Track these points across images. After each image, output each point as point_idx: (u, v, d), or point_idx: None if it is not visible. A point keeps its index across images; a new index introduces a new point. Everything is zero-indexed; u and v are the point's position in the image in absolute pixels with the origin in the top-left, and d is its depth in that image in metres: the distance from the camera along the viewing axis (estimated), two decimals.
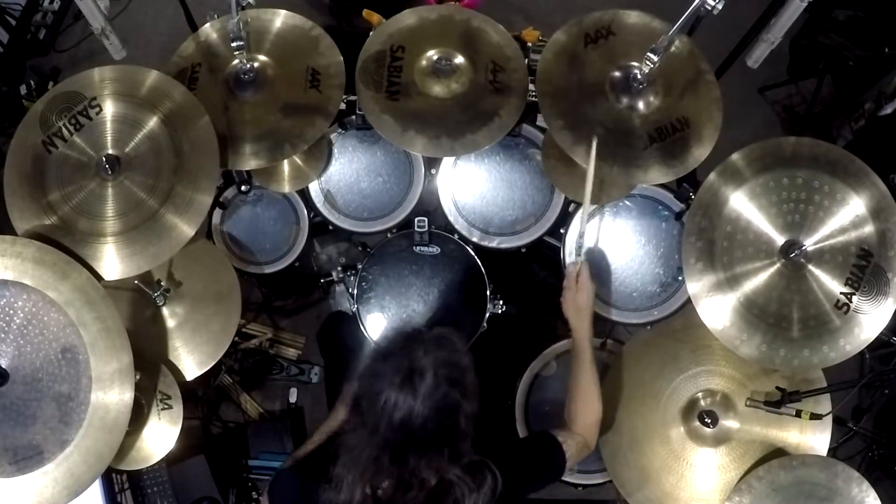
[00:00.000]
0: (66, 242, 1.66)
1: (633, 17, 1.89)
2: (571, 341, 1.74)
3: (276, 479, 1.54)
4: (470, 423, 1.33)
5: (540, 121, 2.15)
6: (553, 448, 1.57)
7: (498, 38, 1.98)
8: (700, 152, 1.79)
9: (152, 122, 1.74)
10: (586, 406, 1.68)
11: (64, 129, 1.73)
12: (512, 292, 1.92)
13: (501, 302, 2.10)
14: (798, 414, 1.73)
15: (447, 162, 2.15)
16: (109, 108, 1.74)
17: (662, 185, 2.07)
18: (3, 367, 1.56)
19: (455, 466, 1.32)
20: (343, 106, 2.03)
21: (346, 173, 2.21)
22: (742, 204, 1.68)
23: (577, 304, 1.74)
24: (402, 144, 1.91)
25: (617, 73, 1.83)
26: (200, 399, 2.58)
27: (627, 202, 2.12)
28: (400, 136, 1.88)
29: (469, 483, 1.33)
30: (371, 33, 2.01)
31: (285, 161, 2.11)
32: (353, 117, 2.14)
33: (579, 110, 1.80)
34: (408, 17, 2.00)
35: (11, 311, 1.58)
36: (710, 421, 1.79)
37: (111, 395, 1.58)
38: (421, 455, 1.30)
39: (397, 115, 1.89)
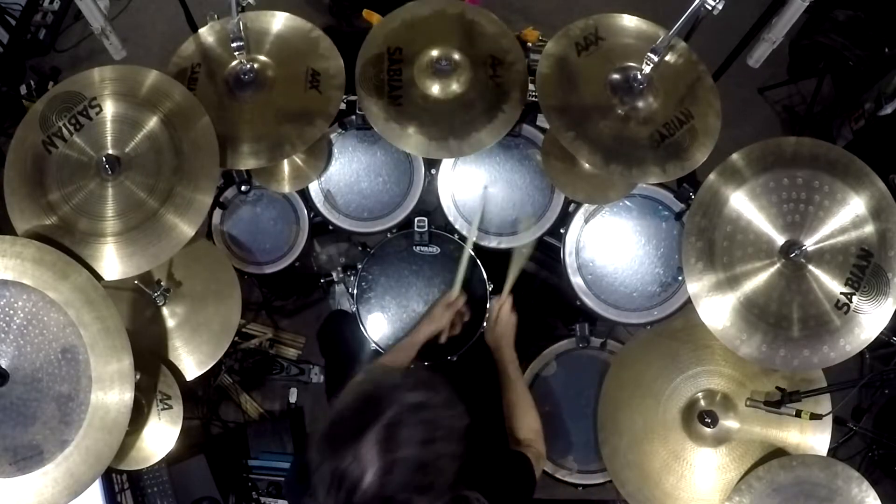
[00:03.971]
0: (66, 242, 1.66)
1: (615, 18, 1.87)
2: (498, 365, 1.84)
3: None
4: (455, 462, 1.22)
5: (540, 121, 2.15)
6: (525, 466, 1.56)
7: (493, 30, 1.98)
8: (709, 140, 1.79)
9: (152, 122, 1.74)
10: (526, 415, 1.74)
11: (64, 129, 1.73)
12: (512, 292, 1.93)
13: None
14: (798, 414, 1.73)
15: (447, 162, 2.15)
16: (109, 108, 1.74)
17: (662, 185, 2.07)
18: (3, 367, 1.56)
19: None
20: (343, 106, 2.03)
21: (346, 173, 2.21)
22: (742, 204, 1.68)
23: (496, 336, 1.87)
24: (407, 148, 1.90)
25: (616, 76, 1.81)
26: (200, 399, 2.58)
27: (627, 202, 2.13)
28: (404, 139, 1.87)
29: None
30: (368, 35, 2.00)
31: (285, 161, 2.11)
32: (353, 117, 2.15)
33: (587, 121, 1.78)
34: (400, 16, 1.99)
35: (11, 311, 1.58)
36: (710, 421, 1.80)
37: (111, 395, 1.58)
38: None
39: (400, 119, 1.88)
